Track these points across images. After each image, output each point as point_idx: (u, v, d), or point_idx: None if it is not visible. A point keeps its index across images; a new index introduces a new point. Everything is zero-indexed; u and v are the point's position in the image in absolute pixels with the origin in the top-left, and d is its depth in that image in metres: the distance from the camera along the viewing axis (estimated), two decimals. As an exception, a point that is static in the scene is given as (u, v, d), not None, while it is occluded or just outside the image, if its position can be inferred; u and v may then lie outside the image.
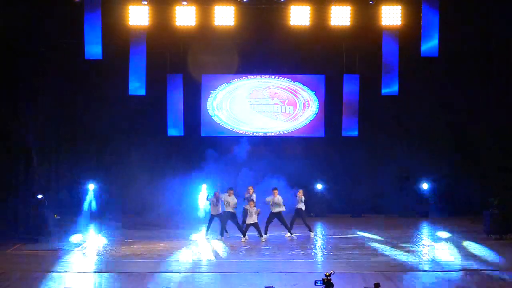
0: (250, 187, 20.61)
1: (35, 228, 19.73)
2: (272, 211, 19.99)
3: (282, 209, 19.97)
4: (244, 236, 19.86)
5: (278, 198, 19.92)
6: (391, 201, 24.18)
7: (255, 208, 19.69)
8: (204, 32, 21.90)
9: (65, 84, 23.61)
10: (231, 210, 19.82)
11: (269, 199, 19.98)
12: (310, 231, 20.47)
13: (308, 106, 24.43)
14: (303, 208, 20.37)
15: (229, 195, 19.80)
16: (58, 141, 24.02)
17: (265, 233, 19.99)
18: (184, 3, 21.16)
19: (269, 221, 20.09)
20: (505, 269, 16.27)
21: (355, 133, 23.67)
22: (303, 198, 20.37)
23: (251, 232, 19.97)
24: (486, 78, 23.21)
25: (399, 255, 17.99)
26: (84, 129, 24.18)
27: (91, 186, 24.42)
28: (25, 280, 15.24)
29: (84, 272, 15.91)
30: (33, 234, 19.68)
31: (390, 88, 22.43)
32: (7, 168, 20.87)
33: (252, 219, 19.73)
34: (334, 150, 24.57)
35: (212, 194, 20.12)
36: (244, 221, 20.18)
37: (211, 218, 20.16)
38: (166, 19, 21.36)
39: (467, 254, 18.05)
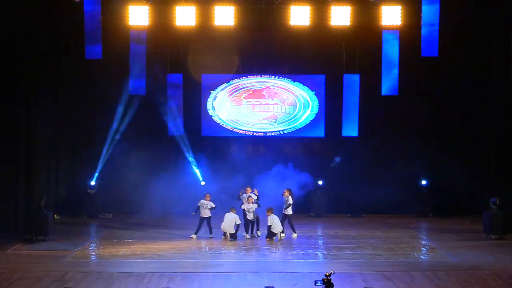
0: (248, 188, 20.78)
1: (35, 228, 19.71)
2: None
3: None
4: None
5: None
6: (391, 201, 24.17)
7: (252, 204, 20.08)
8: (204, 32, 21.90)
9: (65, 84, 23.62)
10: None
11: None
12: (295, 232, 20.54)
13: (308, 106, 24.43)
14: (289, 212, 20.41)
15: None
16: (58, 140, 24.03)
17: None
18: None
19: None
20: (505, 269, 16.27)
21: (355, 133, 23.67)
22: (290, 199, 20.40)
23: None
24: (486, 78, 23.19)
25: (399, 255, 18.01)
26: (84, 129, 24.18)
27: (91, 186, 24.46)
28: (25, 280, 15.24)
29: (84, 272, 15.90)
30: (33, 234, 19.67)
31: (390, 88, 22.42)
32: (7, 168, 20.85)
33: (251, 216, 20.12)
34: (334, 150, 24.59)
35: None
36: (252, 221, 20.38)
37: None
38: (166, 19, 21.35)
39: (467, 254, 18.05)
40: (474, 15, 22.46)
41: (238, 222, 20.03)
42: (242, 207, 20.27)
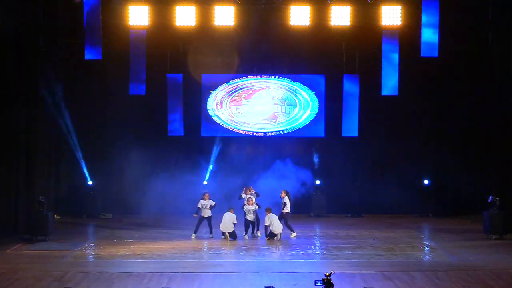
0: (250, 188, 20.79)
1: (35, 228, 19.71)
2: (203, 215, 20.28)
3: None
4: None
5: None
6: (391, 201, 24.17)
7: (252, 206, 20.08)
8: (204, 32, 21.93)
9: (65, 84, 23.61)
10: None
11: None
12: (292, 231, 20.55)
13: (308, 106, 24.43)
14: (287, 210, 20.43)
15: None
16: (58, 140, 24.02)
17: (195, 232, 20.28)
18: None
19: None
20: (505, 269, 16.27)
21: (355, 133, 23.67)
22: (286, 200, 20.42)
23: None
24: (486, 78, 23.18)
25: (399, 255, 18.01)
26: (83, 129, 24.16)
27: (91, 186, 24.45)
28: (25, 280, 15.24)
29: (84, 272, 15.90)
30: (33, 234, 19.67)
31: (390, 88, 22.43)
32: (7, 167, 20.84)
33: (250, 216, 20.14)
34: (334, 150, 24.58)
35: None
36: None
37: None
38: (166, 19, 21.38)
39: (467, 254, 18.05)
40: (474, 15, 22.47)
41: (235, 221, 19.98)
42: (243, 207, 20.29)
